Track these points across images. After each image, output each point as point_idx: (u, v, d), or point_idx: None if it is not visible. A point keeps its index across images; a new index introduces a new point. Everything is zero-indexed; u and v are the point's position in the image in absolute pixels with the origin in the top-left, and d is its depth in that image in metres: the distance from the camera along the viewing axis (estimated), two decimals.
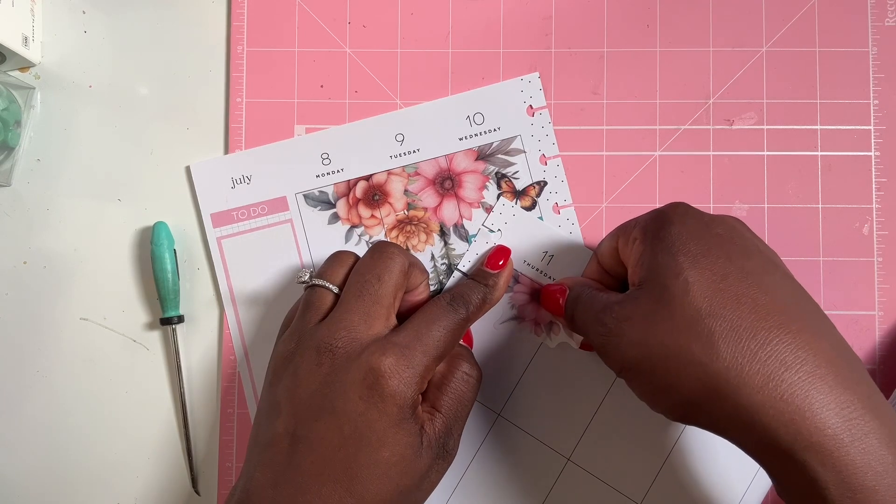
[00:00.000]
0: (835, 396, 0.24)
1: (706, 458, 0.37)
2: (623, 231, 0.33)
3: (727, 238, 0.29)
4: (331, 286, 0.33)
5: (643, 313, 0.28)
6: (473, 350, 0.37)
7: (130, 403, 0.39)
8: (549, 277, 0.38)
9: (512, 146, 0.39)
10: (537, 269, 0.38)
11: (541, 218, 0.39)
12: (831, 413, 0.24)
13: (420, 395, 0.31)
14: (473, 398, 0.33)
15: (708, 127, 0.39)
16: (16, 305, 0.40)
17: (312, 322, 0.32)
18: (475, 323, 0.37)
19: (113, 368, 0.39)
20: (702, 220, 0.30)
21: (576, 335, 0.38)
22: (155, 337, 0.40)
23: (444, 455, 0.31)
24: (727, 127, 0.39)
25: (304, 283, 0.33)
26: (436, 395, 0.32)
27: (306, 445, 0.29)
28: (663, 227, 0.29)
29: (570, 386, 0.38)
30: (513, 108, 0.39)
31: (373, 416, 0.29)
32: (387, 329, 0.32)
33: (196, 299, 0.40)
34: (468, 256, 0.39)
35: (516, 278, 0.38)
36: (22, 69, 0.40)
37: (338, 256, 0.34)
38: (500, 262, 0.36)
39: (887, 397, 0.38)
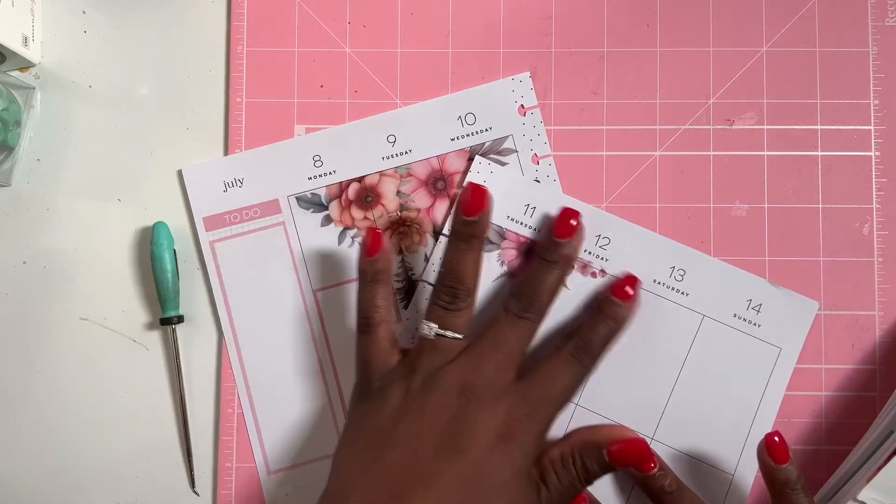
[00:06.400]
0: None
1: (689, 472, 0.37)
2: None
3: None
4: (460, 336, 0.34)
5: None
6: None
7: (130, 403, 0.39)
8: (533, 229, 0.38)
9: (504, 146, 0.39)
10: (521, 223, 0.38)
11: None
12: None
13: (540, 450, 0.32)
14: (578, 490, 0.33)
15: (708, 127, 0.39)
16: (16, 305, 0.40)
17: (439, 363, 0.33)
18: (478, 309, 0.36)
19: (113, 368, 0.39)
20: None
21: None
22: (155, 337, 0.40)
23: None
24: (727, 127, 0.39)
25: (431, 336, 0.33)
26: (558, 472, 0.32)
27: (423, 481, 0.30)
28: None
29: None
30: (504, 108, 0.39)
31: (498, 463, 0.30)
32: (516, 378, 0.33)
33: (196, 299, 0.40)
34: None
35: (502, 234, 0.38)
36: (22, 69, 0.40)
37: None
38: (629, 291, 0.35)
39: (887, 397, 0.38)
